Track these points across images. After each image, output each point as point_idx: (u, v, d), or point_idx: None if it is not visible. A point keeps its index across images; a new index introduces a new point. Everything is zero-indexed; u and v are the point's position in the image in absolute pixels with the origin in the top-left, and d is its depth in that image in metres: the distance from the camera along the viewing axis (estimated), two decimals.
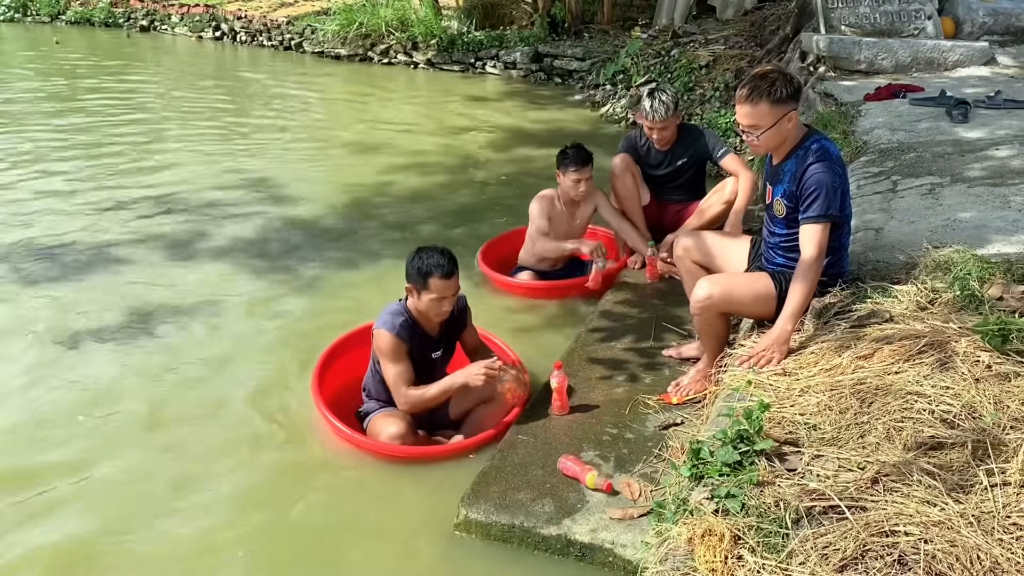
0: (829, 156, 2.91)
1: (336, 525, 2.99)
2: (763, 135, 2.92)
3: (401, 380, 3.22)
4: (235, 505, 3.10)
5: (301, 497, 3.13)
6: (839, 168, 2.91)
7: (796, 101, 2.94)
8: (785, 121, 2.91)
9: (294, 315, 4.62)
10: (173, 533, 2.96)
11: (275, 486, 3.20)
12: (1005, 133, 4.59)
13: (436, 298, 3.19)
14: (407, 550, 2.85)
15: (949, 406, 2.36)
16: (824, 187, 2.86)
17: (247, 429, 3.56)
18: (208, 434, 3.54)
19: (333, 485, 3.20)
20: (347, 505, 3.10)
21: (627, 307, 4.20)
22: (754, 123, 2.91)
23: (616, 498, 2.82)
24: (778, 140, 2.97)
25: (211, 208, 6.31)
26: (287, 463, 3.34)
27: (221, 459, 3.37)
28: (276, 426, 3.57)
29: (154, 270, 5.18)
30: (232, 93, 10.91)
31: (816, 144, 2.94)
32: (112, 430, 3.57)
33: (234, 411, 3.70)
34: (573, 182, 4.44)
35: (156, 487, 3.21)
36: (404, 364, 3.23)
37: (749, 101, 2.89)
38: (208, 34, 15.45)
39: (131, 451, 3.43)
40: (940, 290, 2.98)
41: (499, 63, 11.42)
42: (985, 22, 6.67)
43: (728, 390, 2.83)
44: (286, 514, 3.05)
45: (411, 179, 7.02)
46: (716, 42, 8.99)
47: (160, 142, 8.40)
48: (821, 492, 2.09)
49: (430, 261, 3.18)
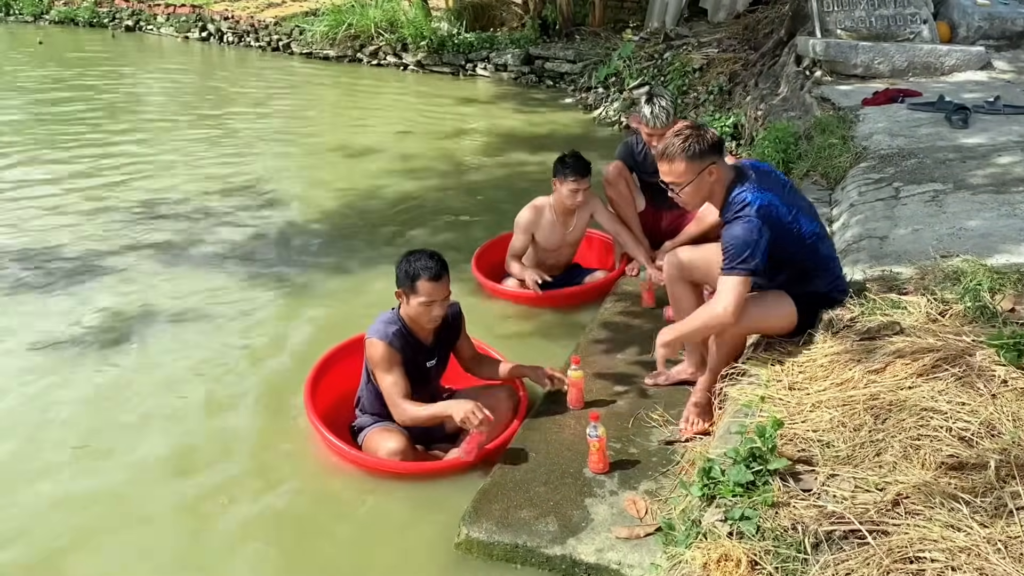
0: (744, 210, 2.81)
1: (332, 544, 2.90)
2: (684, 191, 2.87)
3: (397, 391, 3.13)
4: (224, 523, 3.00)
5: (294, 514, 3.04)
6: (756, 220, 2.78)
7: (715, 154, 2.86)
8: (705, 175, 2.84)
9: (285, 324, 4.52)
10: (157, 552, 2.86)
11: (267, 503, 3.10)
12: (1007, 139, 4.55)
13: (425, 302, 3.10)
14: (407, 570, 2.77)
15: (966, 423, 2.30)
16: (735, 243, 2.79)
17: (236, 443, 3.46)
18: (194, 448, 3.44)
19: (328, 503, 3.11)
20: (343, 523, 3.00)
21: (627, 317, 4.13)
22: (674, 180, 2.88)
23: (622, 516, 2.74)
24: (701, 195, 2.91)
25: (198, 214, 6.19)
26: (278, 479, 3.24)
27: (207, 474, 3.27)
28: (266, 440, 3.47)
29: (140, 278, 5.06)
30: (218, 95, 10.77)
31: (737, 197, 2.85)
32: (94, 443, 3.47)
33: (222, 424, 3.60)
34: (570, 192, 4.35)
35: (140, 505, 3.10)
36: (398, 374, 3.14)
37: (665, 159, 2.86)
38: (194, 34, 15.27)
39: (113, 468, 3.33)
40: (950, 301, 2.93)
41: (490, 65, 11.33)
42: (981, 26, 6.64)
43: (737, 406, 2.76)
44: (279, 533, 2.96)
45: (402, 183, 6.92)
46: (709, 45, 8.94)
47: (145, 146, 8.26)
48: (840, 515, 2.02)
49: (418, 264, 3.10)
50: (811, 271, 2.99)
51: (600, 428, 2.91)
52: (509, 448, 3.13)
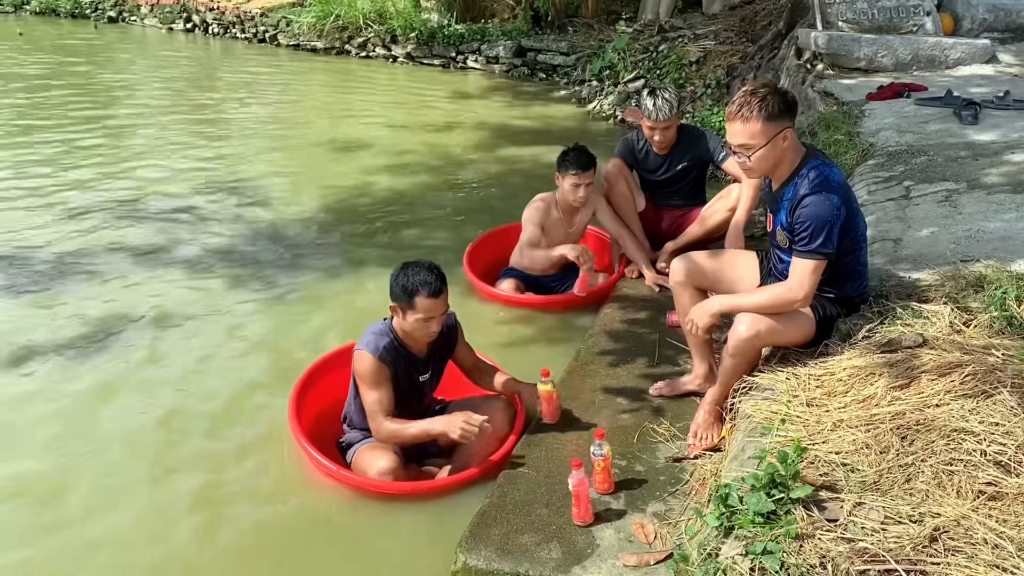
0: (827, 185, 2.65)
1: (319, 571, 2.72)
2: (756, 155, 2.67)
3: (379, 408, 2.94)
4: (204, 547, 2.82)
5: (279, 538, 2.86)
6: (837, 198, 2.64)
7: (791, 118, 2.69)
8: (780, 140, 2.66)
9: (271, 328, 4.33)
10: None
11: (250, 526, 2.93)
12: (1019, 136, 4.40)
13: (423, 318, 2.92)
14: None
15: (1001, 446, 2.14)
16: (815, 222, 2.62)
17: (217, 459, 3.28)
18: (174, 462, 3.26)
19: (314, 525, 2.93)
20: (331, 548, 2.83)
21: (627, 323, 3.95)
22: (745, 142, 2.66)
23: (630, 541, 2.58)
24: (772, 162, 2.71)
25: (182, 212, 5.98)
26: (263, 499, 3.06)
27: (188, 491, 3.09)
28: (249, 457, 3.29)
29: (120, 280, 4.86)
30: (203, 88, 10.52)
31: (814, 171, 2.68)
32: (64, 457, 3.29)
33: (202, 439, 3.41)
34: (572, 186, 4.17)
35: (113, 524, 2.93)
36: (384, 390, 2.96)
37: (740, 117, 2.65)
38: (179, 26, 14.98)
39: (85, 482, 3.15)
40: (975, 311, 2.77)
41: (481, 57, 11.12)
42: (985, 19, 6.49)
43: (752, 423, 2.59)
44: (260, 560, 2.78)
45: (393, 179, 6.72)
46: (705, 37, 8.76)
47: (127, 140, 8.04)
48: (874, 553, 1.86)
49: (416, 279, 2.91)
50: (849, 273, 2.83)
51: (605, 446, 2.74)
52: (508, 466, 2.96)
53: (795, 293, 2.70)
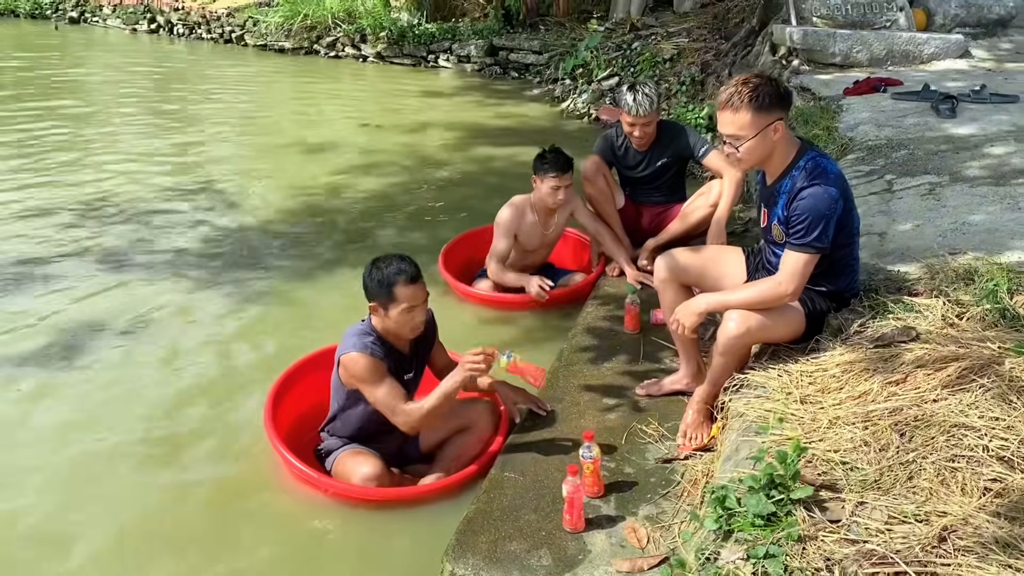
0: (825, 178, 2.59)
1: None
2: (745, 146, 2.60)
3: (395, 398, 2.81)
4: (179, 563, 2.69)
5: (257, 551, 2.74)
6: (836, 191, 2.58)
7: (783, 109, 2.63)
8: (770, 131, 2.59)
9: (243, 333, 4.19)
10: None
11: (226, 539, 2.79)
12: (997, 129, 4.39)
13: (407, 308, 2.81)
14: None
15: (1003, 441, 2.09)
16: (812, 214, 2.56)
17: (190, 471, 3.15)
18: (147, 483, 3.10)
19: (294, 536, 2.81)
20: (312, 561, 2.71)
21: (611, 321, 3.87)
22: (734, 132, 2.60)
23: (622, 546, 2.49)
24: (763, 154, 2.65)
25: (148, 215, 5.80)
26: (238, 511, 2.93)
27: (157, 504, 2.96)
28: (224, 466, 3.16)
29: (84, 285, 4.68)
30: (169, 90, 10.30)
31: (811, 163, 2.63)
32: (31, 473, 3.13)
33: (175, 448, 3.27)
34: (551, 189, 4.08)
35: (87, 542, 2.78)
36: (390, 382, 2.83)
37: (729, 107, 2.58)
38: (143, 26, 14.70)
39: (54, 498, 2.99)
40: (966, 304, 2.72)
41: (452, 56, 11.02)
42: (957, 14, 6.52)
43: (745, 422, 2.52)
44: (241, 572, 2.65)
45: (366, 180, 6.60)
46: (679, 35, 8.74)
47: (91, 143, 7.81)
48: (882, 555, 1.79)
49: (390, 270, 2.81)
50: (843, 267, 2.78)
51: (595, 448, 2.65)
52: (493, 470, 2.86)
53: (785, 287, 2.64)
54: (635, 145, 4.33)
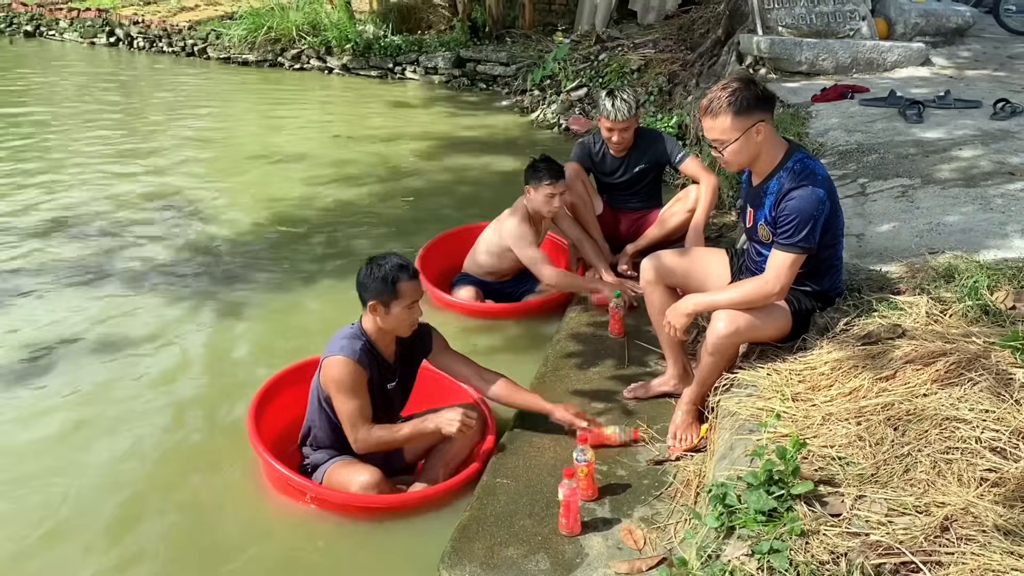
0: (812, 179, 2.63)
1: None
2: (729, 149, 2.66)
3: (361, 417, 2.78)
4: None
5: (248, 565, 2.68)
6: (823, 191, 2.63)
7: (764, 111, 2.68)
8: (753, 133, 2.64)
9: (219, 349, 4.11)
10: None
11: (213, 556, 2.73)
12: (963, 133, 4.51)
13: (408, 304, 2.80)
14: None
15: (995, 433, 2.13)
16: (800, 215, 2.61)
17: (175, 487, 3.07)
18: (124, 503, 3.00)
19: (285, 550, 2.76)
20: (306, 573, 2.66)
21: (594, 326, 3.88)
22: (718, 137, 2.66)
23: (619, 548, 2.49)
24: (748, 155, 2.69)
25: (116, 229, 5.66)
26: (225, 527, 2.87)
27: (146, 523, 2.88)
28: (206, 482, 3.09)
29: (50, 302, 4.54)
30: (131, 104, 10.11)
31: (799, 164, 2.68)
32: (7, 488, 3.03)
33: (154, 465, 3.20)
34: (547, 197, 4.05)
35: (67, 555, 2.69)
36: (364, 398, 2.80)
37: (709, 113, 2.65)
38: (102, 40, 14.41)
39: (23, 524, 2.88)
40: (949, 300, 2.78)
41: (419, 68, 10.99)
42: (917, 23, 6.69)
43: (737, 421, 2.53)
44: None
45: (339, 191, 6.53)
46: (645, 46, 8.83)
47: (52, 155, 7.63)
48: (888, 546, 1.81)
49: (389, 266, 2.79)
50: (828, 267, 2.83)
51: (589, 451, 2.65)
52: (485, 476, 2.85)
53: (771, 287, 2.67)
54: (613, 151, 4.36)
